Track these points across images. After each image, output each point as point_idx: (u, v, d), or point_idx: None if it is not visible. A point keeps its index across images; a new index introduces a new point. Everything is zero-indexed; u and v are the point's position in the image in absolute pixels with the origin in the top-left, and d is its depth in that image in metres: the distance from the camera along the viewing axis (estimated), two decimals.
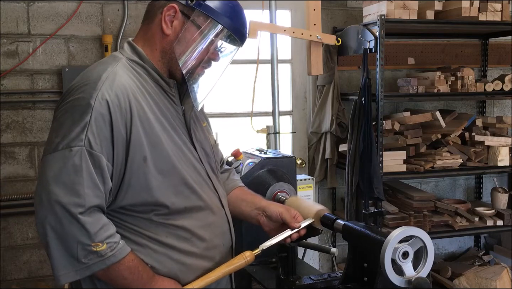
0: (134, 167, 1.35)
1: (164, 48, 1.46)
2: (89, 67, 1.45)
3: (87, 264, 1.29)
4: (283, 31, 2.95)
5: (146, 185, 1.37)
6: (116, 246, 1.32)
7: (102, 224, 1.31)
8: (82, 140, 1.28)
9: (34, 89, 3.34)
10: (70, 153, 1.28)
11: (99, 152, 1.30)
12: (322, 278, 1.69)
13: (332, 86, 3.68)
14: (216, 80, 1.54)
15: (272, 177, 1.97)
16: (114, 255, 1.31)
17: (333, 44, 3.10)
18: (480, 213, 3.75)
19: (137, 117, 1.36)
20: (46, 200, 1.28)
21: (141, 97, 1.39)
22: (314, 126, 3.81)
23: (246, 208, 1.68)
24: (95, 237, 1.28)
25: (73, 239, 1.27)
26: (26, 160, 3.38)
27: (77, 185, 1.28)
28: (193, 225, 1.46)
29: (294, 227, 1.58)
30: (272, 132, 3.03)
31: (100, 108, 1.31)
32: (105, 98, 1.32)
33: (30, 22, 3.32)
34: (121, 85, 1.36)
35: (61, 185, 1.28)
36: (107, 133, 1.32)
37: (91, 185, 1.29)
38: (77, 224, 1.27)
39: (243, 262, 1.49)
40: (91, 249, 1.28)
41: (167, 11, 1.43)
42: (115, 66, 1.40)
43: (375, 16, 3.33)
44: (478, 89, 3.63)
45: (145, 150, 1.36)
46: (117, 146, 1.33)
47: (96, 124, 1.30)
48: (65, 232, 1.27)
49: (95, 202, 1.30)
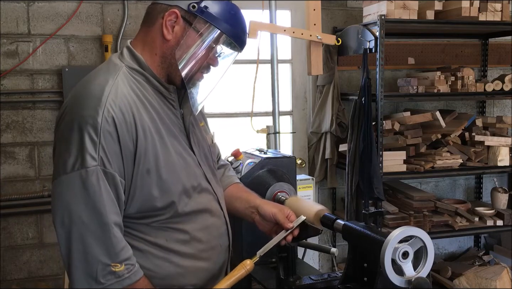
0: (138, 180, 1.36)
1: (165, 53, 1.45)
2: (88, 78, 1.43)
3: (104, 285, 1.30)
4: (283, 31, 2.95)
5: (148, 195, 1.38)
6: (132, 268, 1.34)
7: (123, 245, 1.33)
8: (96, 160, 1.29)
9: (34, 89, 3.35)
10: (86, 174, 1.28)
11: (113, 170, 1.31)
12: (322, 278, 1.69)
13: (332, 86, 3.68)
14: (214, 85, 1.54)
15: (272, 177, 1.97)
16: (129, 277, 1.33)
17: (333, 44, 3.10)
18: (480, 213, 3.75)
19: (141, 130, 1.36)
20: (68, 221, 1.29)
21: (142, 109, 1.39)
22: (314, 126, 3.81)
23: (240, 206, 1.70)
24: (116, 258, 1.30)
25: (95, 258, 1.29)
26: (26, 160, 3.38)
27: (98, 204, 1.29)
28: (192, 228, 1.47)
29: (287, 227, 1.58)
30: (272, 132, 3.03)
31: (107, 126, 1.31)
32: (111, 115, 1.31)
33: (30, 22, 3.32)
34: (124, 99, 1.36)
35: (82, 206, 1.28)
36: (117, 150, 1.32)
37: (110, 203, 1.31)
38: (101, 243, 1.29)
39: (243, 271, 1.49)
40: (110, 269, 1.30)
41: (169, 16, 1.42)
42: (115, 78, 1.39)
43: (375, 16, 3.33)
44: (478, 89, 3.63)
45: (148, 162, 1.37)
46: (126, 160, 1.34)
47: (106, 142, 1.30)
48: (88, 251, 1.29)
49: (115, 219, 1.32)
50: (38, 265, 3.45)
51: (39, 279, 3.43)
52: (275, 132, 3.03)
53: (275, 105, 3.06)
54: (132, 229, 1.41)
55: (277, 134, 3.03)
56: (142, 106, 1.40)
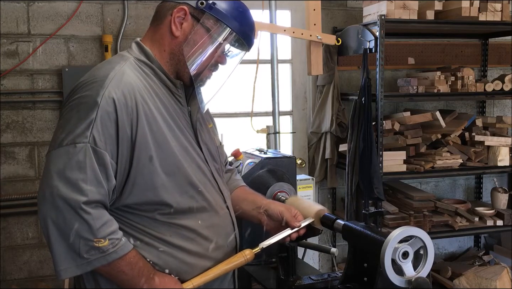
0: (139, 166, 1.36)
1: (173, 49, 1.46)
2: (97, 66, 1.46)
3: (89, 260, 1.29)
4: (283, 31, 2.95)
5: (151, 184, 1.38)
6: (118, 242, 1.32)
7: (105, 220, 1.32)
8: (87, 137, 1.29)
9: (34, 89, 3.34)
10: (74, 149, 1.29)
11: (103, 149, 1.31)
12: (322, 278, 1.69)
13: (332, 86, 3.68)
14: (222, 83, 1.55)
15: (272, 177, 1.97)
16: (115, 251, 1.32)
17: (333, 44, 3.10)
18: (480, 213, 3.75)
19: (143, 116, 1.37)
20: (49, 195, 1.29)
21: (147, 97, 1.40)
22: (314, 126, 3.81)
23: (247, 207, 1.69)
24: (98, 233, 1.29)
25: (76, 234, 1.28)
26: (26, 160, 3.38)
27: (81, 181, 1.29)
28: (197, 225, 1.47)
29: (294, 226, 1.59)
30: (272, 132, 3.03)
31: (106, 106, 1.31)
32: (112, 96, 1.33)
33: (30, 22, 3.32)
34: (128, 84, 1.37)
35: (64, 180, 1.28)
36: (112, 131, 1.33)
37: (95, 181, 1.30)
38: (80, 219, 1.28)
39: (242, 260, 1.50)
40: (93, 244, 1.29)
41: (177, 13, 1.44)
42: (122, 65, 1.41)
43: (375, 16, 3.33)
44: (478, 89, 3.63)
45: (151, 149, 1.37)
46: (122, 144, 1.34)
47: (101, 122, 1.31)
48: (68, 227, 1.28)
49: (98, 198, 1.31)
50: (38, 265, 3.44)
51: (39, 279, 3.43)
52: (275, 132, 3.03)
53: (275, 105, 3.06)
54: (136, 222, 1.41)
55: (277, 134, 3.03)
56: (149, 94, 1.41)
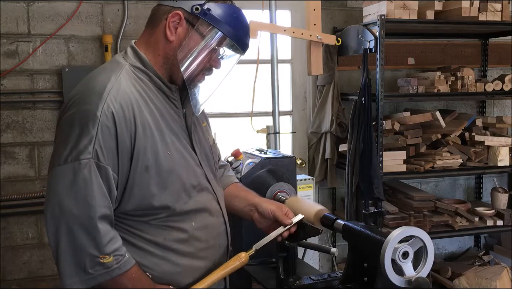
0: (136, 176, 1.38)
1: (167, 54, 1.47)
2: (92, 74, 1.45)
3: (93, 275, 1.32)
4: (283, 31, 2.95)
5: (147, 192, 1.40)
6: (121, 259, 1.35)
7: (111, 237, 1.34)
8: (90, 153, 1.31)
9: (34, 89, 3.34)
10: (79, 166, 1.31)
11: (106, 164, 1.33)
12: (322, 278, 1.69)
13: (332, 86, 3.68)
14: (216, 87, 1.55)
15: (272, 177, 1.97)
16: (119, 267, 1.35)
17: (333, 44, 3.10)
18: (480, 213, 3.75)
19: (140, 127, 1.38)
20: (59, 212, 1.31)
21: (143, 106, 1.41)
22: (314, 126, 3.81)
23: (239, 204, 1.71)
24: (104, 250, 1.32)
25: (84, 250, 1.31)
26: (26, 160, 3.38)
27: (88, 197, 1.31)
28: (191, 227, 1.48)
29: (286, 223, 1.61)
30: (272, 132, 3.03)
31: (106, 121, 1.32)
32: (111, 110, 1.33)
33: (30, 22, 3.32)
34: (125, 95, 1.38)
35: (72, 197, 1.30)
36: (113, 145, 1.34)
37: (101, 196, 1.32)
38: (89, 235, 1.31)
39: (238, 263, 1.52)
40: (99, 260, 1.32)
41: (172, 17, 1.44)
42: (118, 75, 1.41)
43: (375, 16, 3.33)
44: (478, 89, 3.63)
45: (147, 159, 1.39)
46: (122, 156, 1.36)
47: (102, 136, 1.32)
48: (76, 243, 1.31)
49: (104, 212, 1.33)
50: (38, 265, 3.44)
51: (39, 279, 3.43)
52: (275, 132, 3.03)
53: (275, 105, 3.06)
54: (130, 227, 1.43)
55: (277, 134, 3.03)
56: (144, 103, 1.41)
